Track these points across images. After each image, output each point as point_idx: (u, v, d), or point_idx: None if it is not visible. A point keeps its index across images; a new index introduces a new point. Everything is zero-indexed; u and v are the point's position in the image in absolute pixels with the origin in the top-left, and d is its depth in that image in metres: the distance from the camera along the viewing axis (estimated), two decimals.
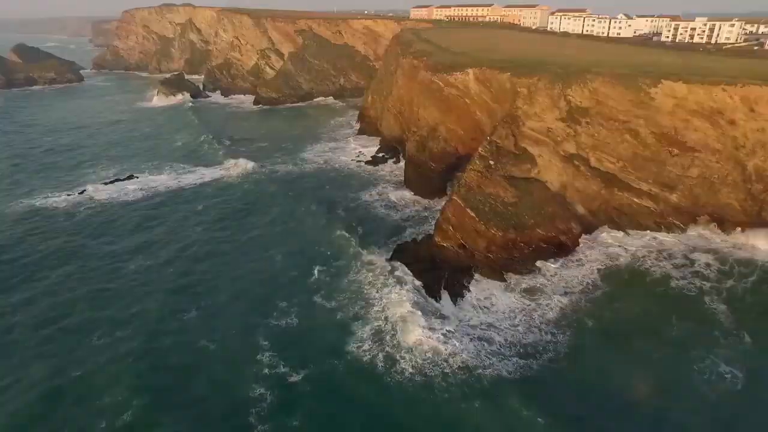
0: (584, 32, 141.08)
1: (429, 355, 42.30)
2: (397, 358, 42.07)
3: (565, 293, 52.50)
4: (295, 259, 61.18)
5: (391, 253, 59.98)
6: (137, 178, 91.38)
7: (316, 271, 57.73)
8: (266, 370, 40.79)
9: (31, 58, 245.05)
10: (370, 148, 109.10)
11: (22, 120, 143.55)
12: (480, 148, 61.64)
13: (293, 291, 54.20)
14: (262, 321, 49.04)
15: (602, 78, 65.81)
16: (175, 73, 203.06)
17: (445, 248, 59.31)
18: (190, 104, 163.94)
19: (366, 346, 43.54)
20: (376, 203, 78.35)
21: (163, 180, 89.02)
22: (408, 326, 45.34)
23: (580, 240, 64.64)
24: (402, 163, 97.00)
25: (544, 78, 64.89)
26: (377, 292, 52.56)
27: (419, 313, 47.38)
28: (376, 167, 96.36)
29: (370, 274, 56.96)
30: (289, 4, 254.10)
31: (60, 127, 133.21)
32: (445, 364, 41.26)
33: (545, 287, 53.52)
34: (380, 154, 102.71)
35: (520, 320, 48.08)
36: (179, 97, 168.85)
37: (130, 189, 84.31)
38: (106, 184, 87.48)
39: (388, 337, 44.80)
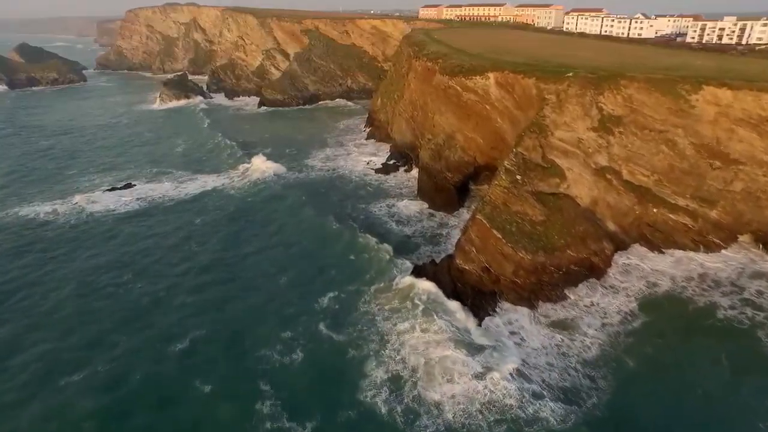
0: (602, 33, 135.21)
1: (461, 403, 37.02)
2: (421, 411, 36.70)
3: (603, 326, 47.02)
4: (300, 281, 56.05)
5: (406, 276, 54.75)
6: (135, 186, 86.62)
7: (322, 296, 52.57)
8: (267, 424, 35.50)
9: (33, 58, 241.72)
10: (379, 154, 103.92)
11: (19, 122, 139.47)
12: (506, 162, 56.22)
13: (298, 318, 49.04)
14: (264, 355, 43.95)
15: (638, 84, 60.28)
16: (179, 73, 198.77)
17: (467, 271, 53.99)
18: (192, 107, 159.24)
19: (383, 395, 38.15)
20: (388, 217, 73.07)
21: (162, 189, 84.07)
22: (432, 367, 40.12)
23: (612, 261, 59.38)
24: (414, 172, 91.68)
25: (574, 84, 59.40)
26: (393, 323, 47.27)
27: (444, 348, 42.23)
28: (387, 176, 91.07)
29: (384, 299, 51.73)
30: (295, 4, 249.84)
31: (58, 129, 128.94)
32: (480, 415, 35.97)
33: (580, 320, 48.03)
34: (391, 161, 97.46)
35: (556, 358, 42.73)
36: (182, 99, 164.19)
37: (127, 199, 79.49)
38: (102, 192, 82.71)
39: (408, 383, 39.46)
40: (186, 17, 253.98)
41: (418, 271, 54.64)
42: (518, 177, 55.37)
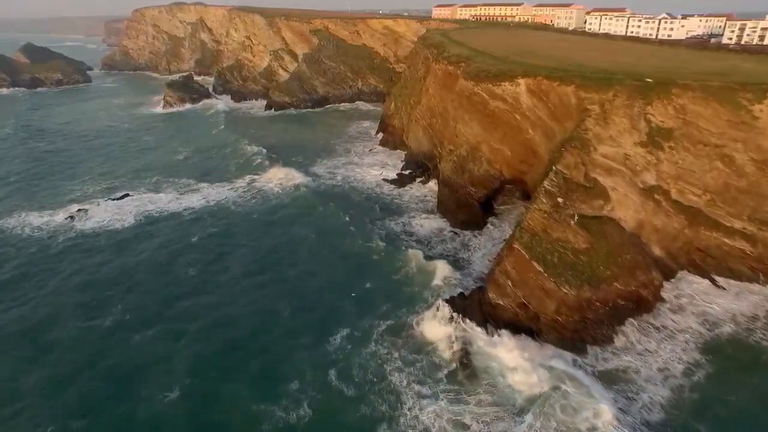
0: (627, 34, 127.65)
1: None
2: None
3: (665, 379, 40.20)
4: (306, 317, 49.76)
5: (431, 311, 48.33)
6: (132, 196, 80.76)
7: (331, 336, 46.39)
8: None
9: (38, 58, 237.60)
10: (393, 163, 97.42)
11: (16, 125, 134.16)
12: (545, 182, 49.47)
13: (305, 363, 42.88)
14: (267, 409, 37.78)
15: (692, 92, 53.40)
16: (184, 74, 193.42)
17: (500, 306, 47.45)
18: (196, 110, 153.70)
19: None
20: (405, 236, 66.51)
21: (161, 202, 78.01)
22: None
23: (661, 293, 52.59)
24: (432, 184, 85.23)
25: (621, 93, 52.54)
26: (412, 379, 40.82)
27: (474, 406, 35.79)
28: (403, 188, 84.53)
29: (400, 342, 45.46)
30: (302, 4, 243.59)
31: (55, 133, 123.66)
32: None
33: (635, 372, 41.17)
34: (406, 171, 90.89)
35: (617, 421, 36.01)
36: (186, 101, 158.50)
37: (121, 212, 73.60)
38: (96, 204, 76.83)
39: None
40: (192, 17, 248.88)
41: (444, 305, 48.07)
42: (560, 200, 48.62)
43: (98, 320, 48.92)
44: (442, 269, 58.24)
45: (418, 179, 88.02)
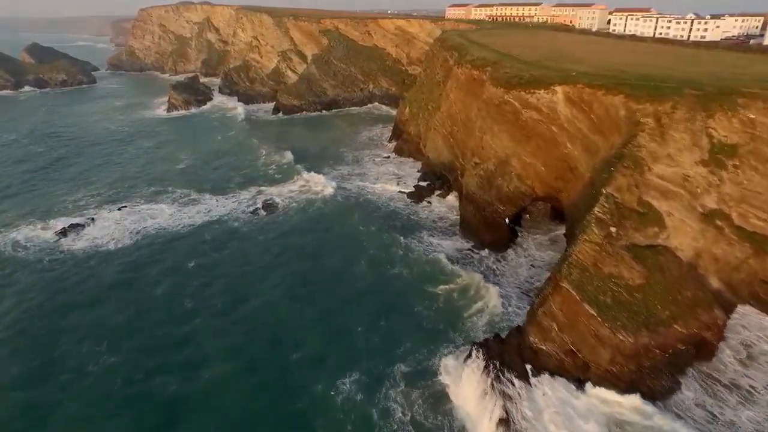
0: (655, 35, 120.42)
1: None
2: None
3: None
4: (314, 353, 43.80)
5: (461, 359, 42.07)
6: (129, 208, 75.07)
7: (340, 380, 40.69)
8: None
9: (43, 58, 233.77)
10: (409, 174, 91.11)
11: (11, 128, 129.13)
12: (596, 209, 42.87)
13: (305, 418, 36.96)
14: None
15: (762, 103, 46.58)
16: (190, 75, 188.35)
17: (543, 352, 41.03)
18: (201, 113, 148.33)
19: None
20: (426, 259, 60.02)
21: (161, 216, 72.15)
22: None
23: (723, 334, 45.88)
24: (452, 197, 78.99)
25: (681, 104, 45.82)
26: None
27: None
28: (421, 202, 78.15)
29: (418, 397, 39.32)
30: (310, 3, 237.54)
31: (52, 138, 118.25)
32: None
33: None
34: (424, 183, 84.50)
35: None
36: (191, 104, 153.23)
37: (117, 229, 67.85)
38: (90, 218, 71.14)
39: None
40: (199, 16, 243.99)
41: (477, 350, 41.67)
42: (612, 229, 42.03)
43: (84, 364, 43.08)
44: (470, 300, 52.10)
45: (437, 192, 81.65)
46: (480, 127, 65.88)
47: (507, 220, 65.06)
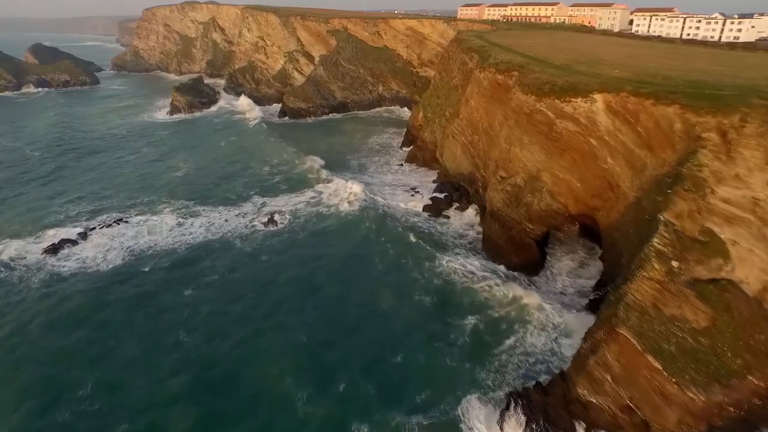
0: (683, 36, 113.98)
1: None
2: None
3: None
4: (322, 401, 38.09)
5: (495, 408, 36.34)
6: (126, 222, 69.75)
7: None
8: None
9: (46, 58, 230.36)
10: (423, 183, 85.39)
11: (3, 131, 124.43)
12: (655, 240, 36.94)
13: None
14: None
15: None
16: (194, 76, 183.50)
17: (594, 406, 35.20)
18: (205, 116, 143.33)
19: None
20: (448, 287, 54.21)
21: (160, 232, 66.71)
22: None
23: None
24: (471, 211, 73.26)
25: (753, 117, 39.75)
26: None
27: None
28: (438, 217, 72.36)
29: None
30: (317, 3, 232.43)
31: (46, 142, 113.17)
32: None
33: None
34: (441, 195, 78.73)
35: None
36: (195, 106, 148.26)
37: (110, 246, 62.57)
38: (82, 236, 65.79)
39: None
40: (204, 16, 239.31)
41: (516, 402, 35.88)
42: (674, 264, 36.08)
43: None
44: (500, 334, 46.40)
45: (455, 205, 75.87)
46: (506, 138, 60.02)
47: (536, 240, 59.30)
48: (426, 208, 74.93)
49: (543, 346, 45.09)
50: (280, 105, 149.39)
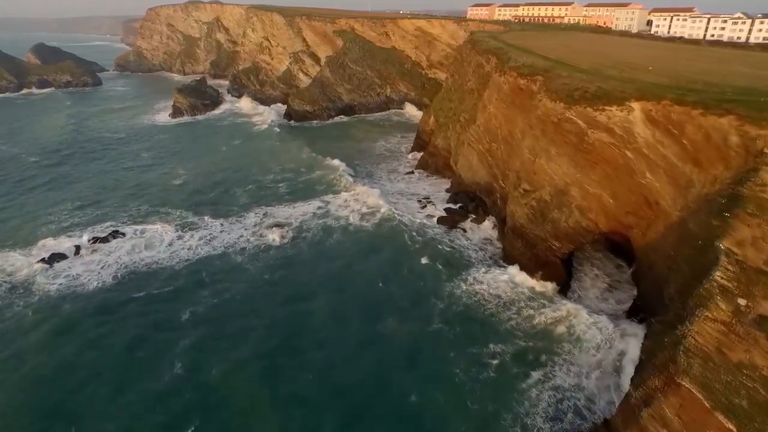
0: (705, 37, 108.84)
1: None
2: None
3: None
4: None
5: None
6: (122, 236, 65.54)
7: None
8: None
9: (49, 58, 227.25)
10: (436, 193, 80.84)
11: (2, 134, 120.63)
12: (717, 274, 32.22)
13: None
14: None
15: None
16: (197, 77, 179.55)
17: None
18: (208, 119, 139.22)
19: None
20: (469, 313, 49.50)
21: (157, 245, 62.43)
22: None
23: None
24: (488, 223, 68.72)
25: None
26: None
27: None
28: (453, 230, 67.73)
29: None
30: (321, 3, 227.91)
31: (44, 146, 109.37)
32: None
33: None
34: (456, 205, 74.18)
35: None
36: (197, 109, 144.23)
37: (103, 262, 58.37)
38: (75, 251, 61.56)
39: None
40: (209, 16, 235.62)
41: None
42: (741, 302, 31.33)
43: None
44: (526, 367, 41.80)
45: (470, 216, 71.28)
46: (531, 148, 55.34)
47: (561, 259, 54.63)
48: (441, 220, 70.37)
49: (575, 382, 40.42)
50: (284, 107, 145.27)
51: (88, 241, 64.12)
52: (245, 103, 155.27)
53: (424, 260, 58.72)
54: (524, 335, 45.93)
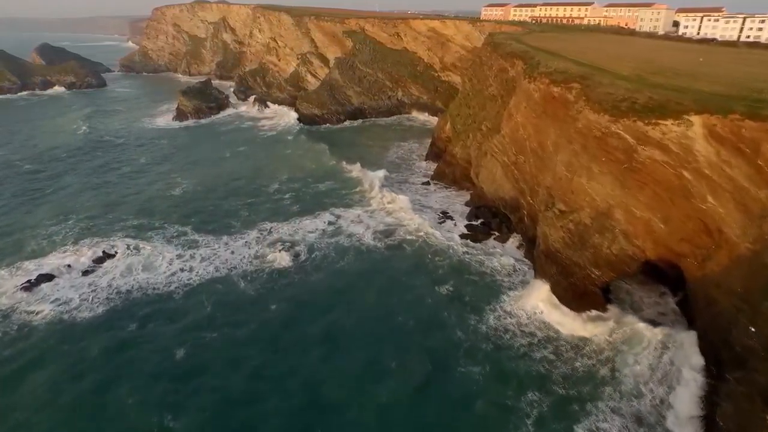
0: (741, 39, 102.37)
1: None
2: None
3: None
4: None
5: None
6: (116, 256, 60.35)
7: None
8: None
9: (53, 59, 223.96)
10: (454, 207, 75.22)
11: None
12: None
13: None
14: None
15: None
16: (202, 79, 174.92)
17: None
18: (212, 123, 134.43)
19: None
20: (499, 353, 43.68)
21: (156, 268, 56.90)
22: None
23: None
24: (512, 242, 63.22)
25: None
26: None
27: None
28: (476, 249, 62.08)
29: None
30: (329, 3, 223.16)
31: (39, 151, 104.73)
32: None
33: None
34: (478, 221, 68.59)
35: None
36: (201, 112, 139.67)
37: (94, 286, 53.20)
38: (66, 271, 56.54)
39: None
40: (215, 16, 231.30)
41: None
42: None
43: None
44: (569, 418, 36.03)
45: (494, 234, 65.66)
46: (568, 165, 49.56)
47: (600, 288, 48.88)
48: (462, 237, 64.77)
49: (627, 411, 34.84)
50: (291, 110, 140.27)
51: (80, 260, 59.17)
52: (251, 106, 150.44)
53: (446, 288, 53.14)
54: (562, 381, 40.19)
